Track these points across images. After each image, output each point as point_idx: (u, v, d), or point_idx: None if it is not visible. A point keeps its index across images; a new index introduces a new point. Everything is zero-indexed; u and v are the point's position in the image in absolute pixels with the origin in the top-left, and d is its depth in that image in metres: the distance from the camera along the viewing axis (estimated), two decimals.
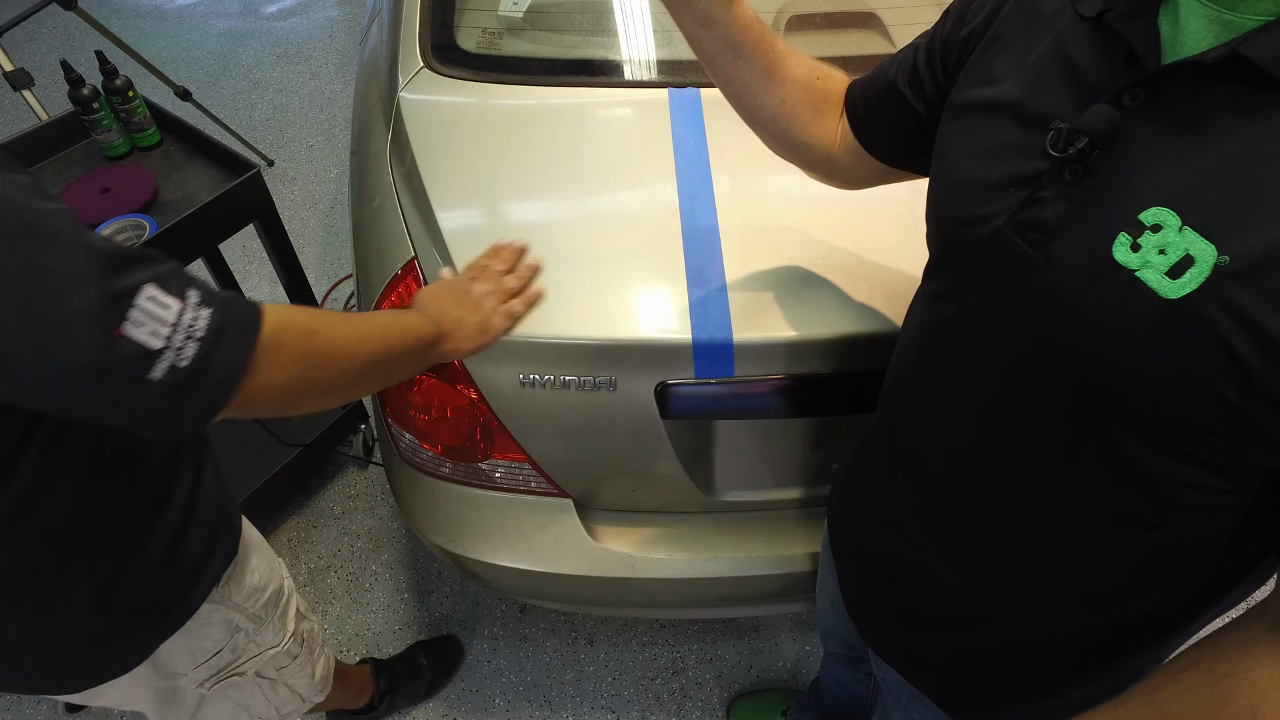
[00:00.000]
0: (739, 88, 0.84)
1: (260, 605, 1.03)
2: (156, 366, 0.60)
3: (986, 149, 0.63)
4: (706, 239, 1.07)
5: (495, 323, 0.99)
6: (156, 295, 0.61)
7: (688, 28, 0.80)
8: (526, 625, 1.85)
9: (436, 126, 1.25)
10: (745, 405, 1.09)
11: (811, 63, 0.86)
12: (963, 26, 0.71)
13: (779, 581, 1.28)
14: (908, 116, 0.78)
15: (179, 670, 0.97)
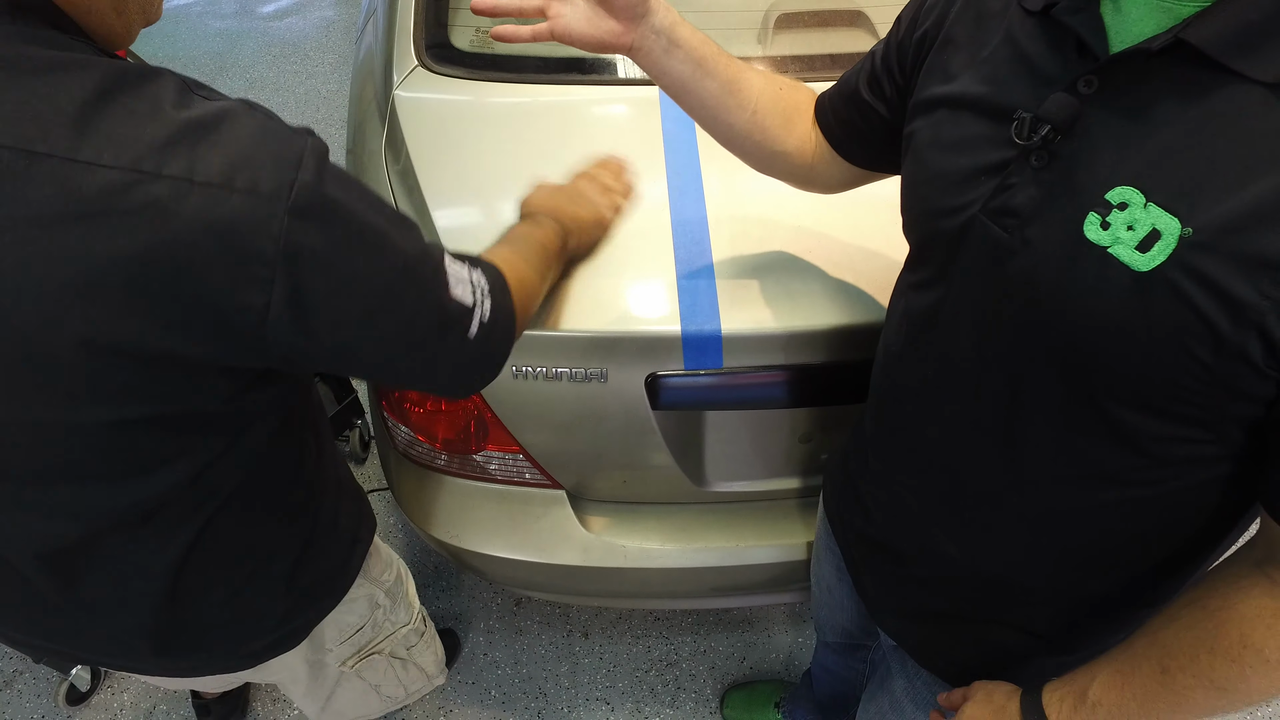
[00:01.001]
0: (712, 106, 0.87)
1: (392, 581, 1.07)
2: (472, 323, 0.67)
3: (954, 142, 0.66)
4: (695, 232, 1.09)
5: (607, 215, 1.02)
6: (450, 262, 0.67)
7: (657, 61, 0.83)
8: (522, 618, 1.87)
9: (431, 124, 1.26)
10: (734, 396, 1.11)
11: (769, 75, 0.90)
12: (915, 29, 0.74)
13: (770, 571, 1.30)
14: (874, 120, 0.82)
15: (328, 646, 1.00)
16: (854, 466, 0.93)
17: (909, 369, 0.77)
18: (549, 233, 0.91)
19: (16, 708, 1.73)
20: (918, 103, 0.72)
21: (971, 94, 0.65)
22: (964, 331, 0.68)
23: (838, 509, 0.99)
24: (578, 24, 0.80)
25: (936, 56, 0.71)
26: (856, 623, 1.12)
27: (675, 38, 0.82)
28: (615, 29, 0.80)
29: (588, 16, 0.80)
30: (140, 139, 0.50)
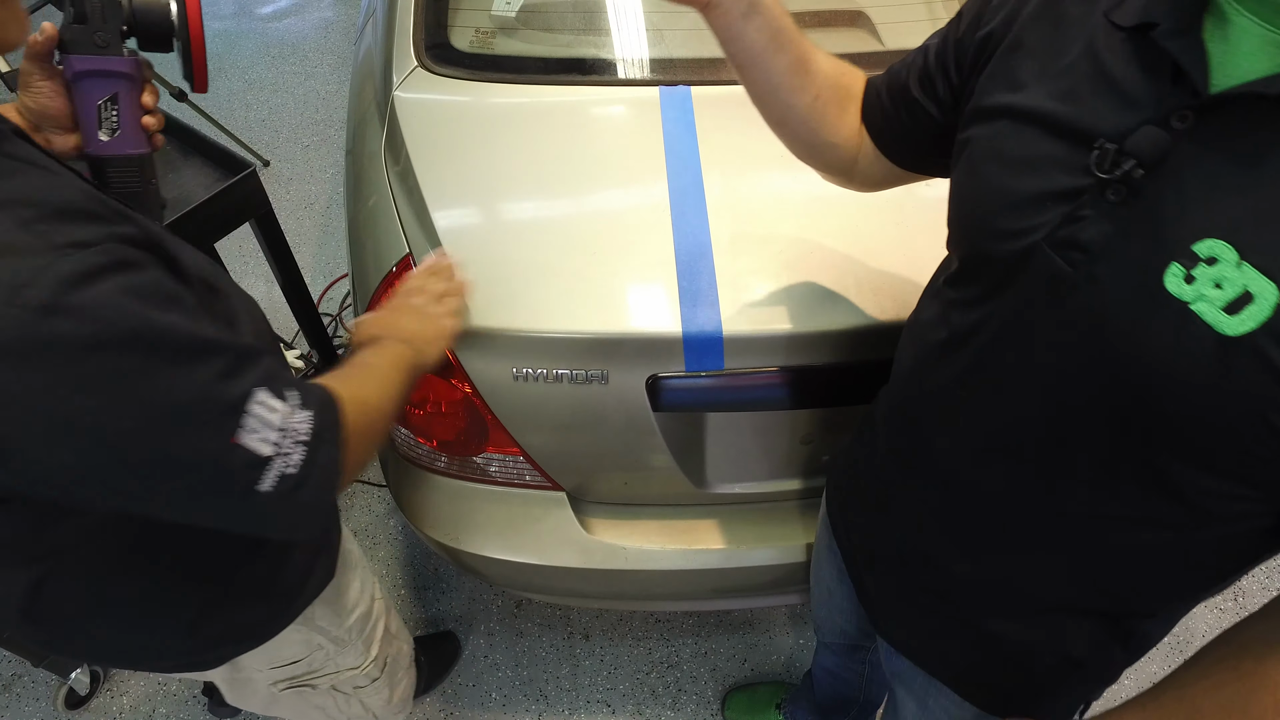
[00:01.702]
0: (775, 85, 0.80)
1: (344, 629, 1.03)
2: (266, 476, 0.59)
3: (1019, 159, 0.61)
4: (696, 234, 1.09)
5: (446, 324, 0.97)
6: (266, 400, 0.60)
7: (731, 21, 0.76)
8: (522, 620, 1.86)
9: (431, 125, 1.26)
10: (735, 398, 1.11)
11: (834, 59, 0.84)
12: (979, 28, 0.68)
13: (771, 573, 1.30)
14: (923, 120, 0.76)
15: (253, 669, 0.98)
16: (863, 470, 0.91)
17: (939, 384, 0.73)
18: (395, 354, 0.86)
19: (15, 711, 1.72)
20: (977, 109, 0.67)
21: (1043, 109, 0.59)
22: (1009, 359, 0.64)
23: (842, 513, 0.98)
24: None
25: (1002, 60, 0.65)
26: (856, 625, 1.12)
27: (758, 4, 0.75)
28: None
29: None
30: None
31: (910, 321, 0.82)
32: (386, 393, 0.80)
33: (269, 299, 2.53)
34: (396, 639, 1.21)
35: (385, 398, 0.79)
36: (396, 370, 0.84)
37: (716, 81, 1.29)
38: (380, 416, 0.77)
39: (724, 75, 1.30)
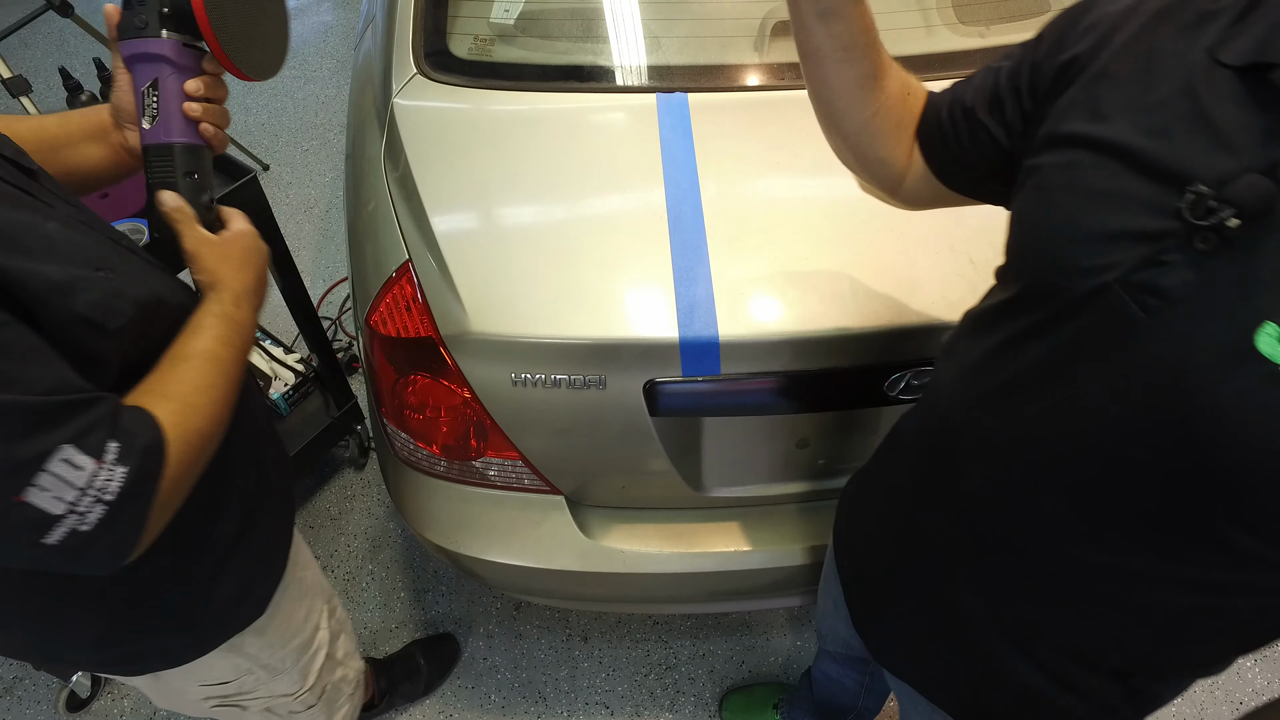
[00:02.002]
0: (836, 92, 0.77)
1: (278, 657, 1.03)
2: (54, 532, 0.58)
3: (1098, 193, 0.57)
4: (693, 240, 1.10)
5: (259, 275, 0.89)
6: (71, 457, 0.58)
7: (805, 19, 0.73)
8: (521, 623, 1.87)
9: (430, 132, 1.27)
10: (732, 402, 1.12)
11: (904, 75, 0.80)
12: (1061, 52, 0.65)
13: (768, 576, 1.31)
14: (986, 145, 0.72)
15: (181, 684, 0.98)
16: (879, 493, 0.88)
17: (979, 417, 0.69)
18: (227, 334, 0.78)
19: (17, 714, 1.73)
20: (1052, 135, 0.63)
21: (1129, 144, 0.56)
22: (1061, 401, 0.61)
23: (851, 535, 0.96)
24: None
25: (1086, 88, 0.61)
26: (860, 639, 1.12)
27: (838, 11, 0.71)
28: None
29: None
30: None
31: (948, 346, 0.78)
32: (220, 403, 0.75)
33: (269, 302, 2.53)
34: (343, 664, 1.20)
35: (219, 413, 0.75)
36: (232, 361, 0.78)
37: (713, 88, 1.30)
38: (213, 438, 0.74)
39: (720, 82, 1.31)
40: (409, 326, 1.12)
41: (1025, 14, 1.46)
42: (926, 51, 1.37)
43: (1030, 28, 1.41)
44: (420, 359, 1.13)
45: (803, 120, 1.26)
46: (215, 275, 0.82)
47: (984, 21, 1.43)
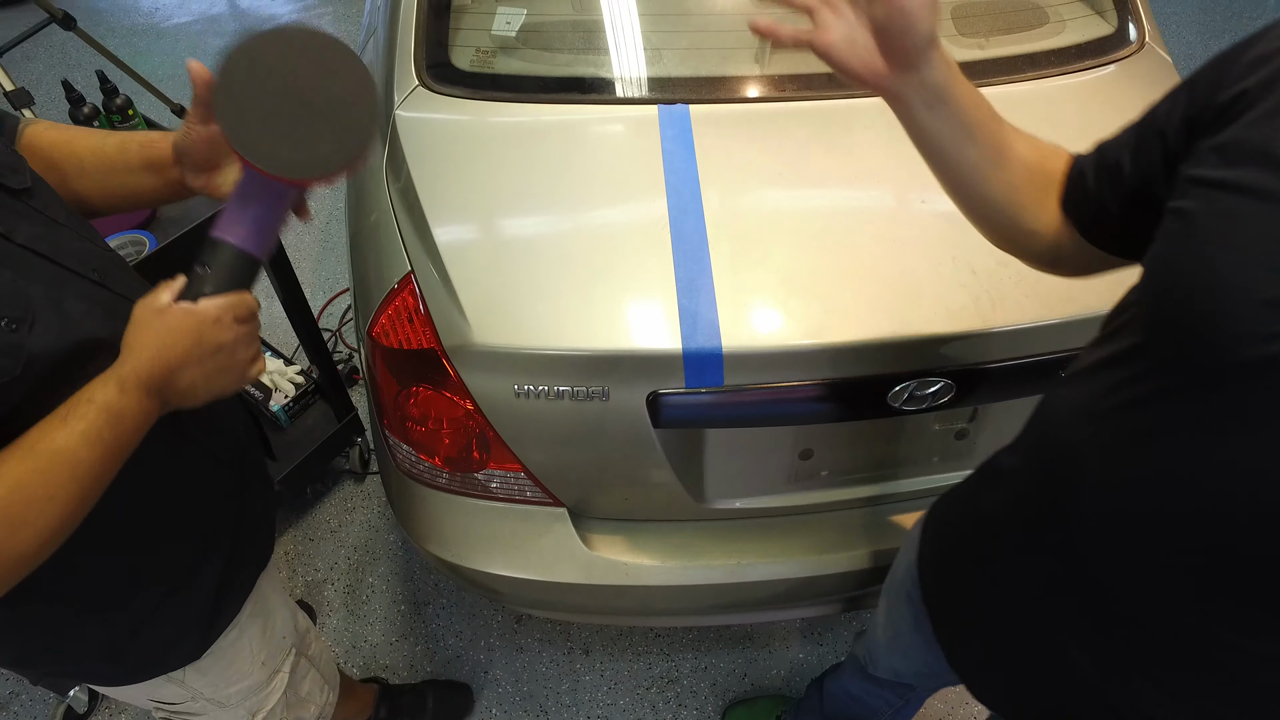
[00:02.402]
0: (967, 175, 0.75)
1: (224, 694, 1.03)
2: None
3: (1267, 251, 0.51)
4: (695, 251, 1.10)
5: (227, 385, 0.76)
6: None
7: (914, 115, 0.72)
8: (522, 636, 1.86)
9: (432, 143, 1.27)
10: (735, 413, 1.12)
11: (1033, 141, 0.77)
12: (1221, 89, 0.59)
13: (771, 588, 1.30)
14: (1140, 202, 0.66)
15: (130, 691, 0.98)
16: (976, 529, 0.85)
17: (1101, 468, 0.65)
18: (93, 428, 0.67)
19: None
20: (1208, 180, 0.57)
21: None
22: (1202, 474, 0.56)
23: (937, 567, 0.92)
24: (843, 46, 0.71)
25: (1255, 128, 0.54)
26: (916, 670, 1.09)
27: (945, 95, 0.70)
28: (880, 70, 0.70)
29: (857, 43, 0.71)
30: None
31: (1072, 387, 0.72)
32: (58, 518, 0.66)
33: (270, 313, 2.54)
34: (303, 703, 1.18)
35: (52, 528, 0.66)
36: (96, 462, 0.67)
37: (715, 100, 1.30)
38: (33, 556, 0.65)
39: (722, 94, 1.32)
40: (411, 338, 1.12)
41: (1024, 26, 1.46)
42: None
43: (1029, 39, 1.43)
44: (422, 370, 1.12)
45: (804, 131, 1.27)
46: (129, 343, 0.71)
47: (983, 34, 1.44)
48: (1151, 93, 1.49)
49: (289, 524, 2.08)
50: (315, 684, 1.21)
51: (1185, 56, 3.76)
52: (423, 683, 1.75)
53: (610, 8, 1.40)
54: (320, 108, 0.71)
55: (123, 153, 0.86)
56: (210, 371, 0.73)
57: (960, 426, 1.25)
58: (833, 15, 0.71)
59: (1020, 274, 1.10)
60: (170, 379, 0.71)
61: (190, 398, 0.74)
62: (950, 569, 0.90)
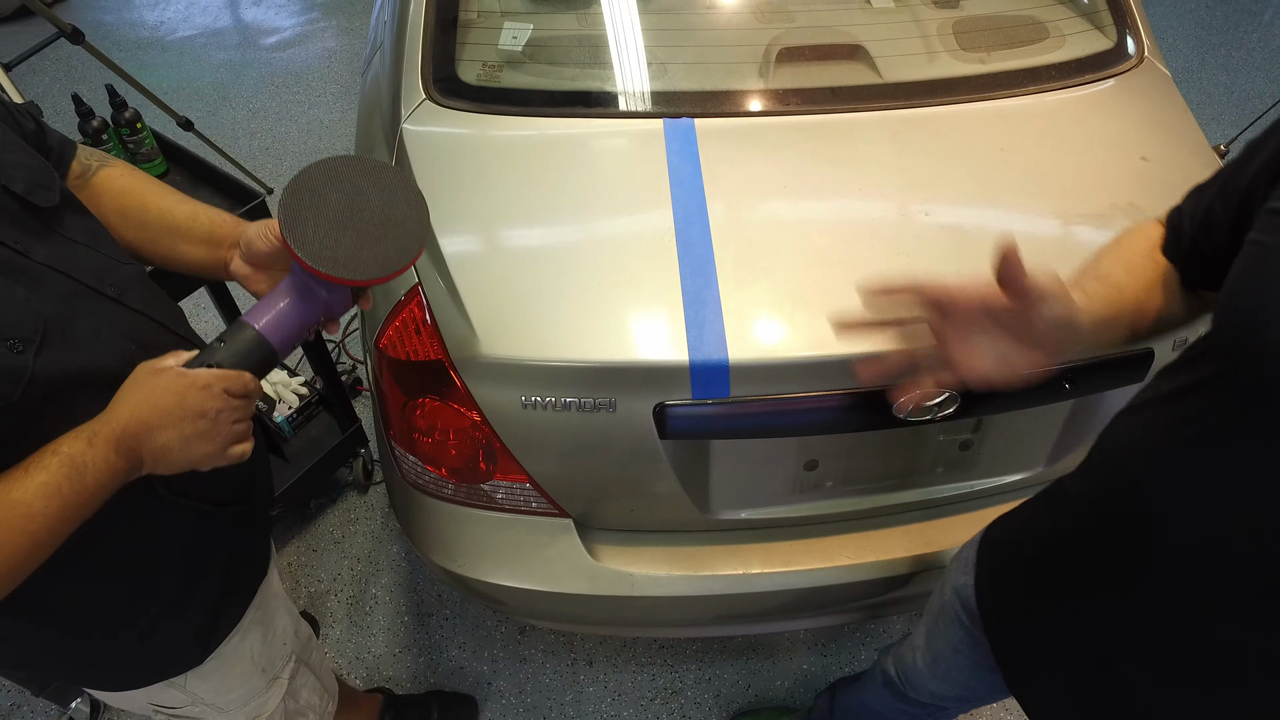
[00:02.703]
0: (1129, 336, 0.76)
1: (224, 699, 1.03)
2: None
3: None
4: (702, 263, 1.11)
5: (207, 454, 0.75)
6: None
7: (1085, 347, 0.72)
8: (526, 647, 1.86)
9: (439, 156, 1.28)
10: (741, 424, 1.12)
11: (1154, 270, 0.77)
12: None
13: (776, 599, 1.30)
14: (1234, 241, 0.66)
15: (130, 695, 0.98)
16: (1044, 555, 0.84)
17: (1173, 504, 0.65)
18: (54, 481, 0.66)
19: None
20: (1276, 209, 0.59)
21: None
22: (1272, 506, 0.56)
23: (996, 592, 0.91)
24: (991, 369, 0.70)
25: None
26: (957, 694, 1.08)
27: (1097, 323, 0.71)
28: (1040, 359, 0.70)
29: (1002, 356, 0.70)
30: None
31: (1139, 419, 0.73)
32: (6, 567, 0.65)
33: None
34: (301, 712, 1.19)
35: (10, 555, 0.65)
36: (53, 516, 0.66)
37: (720, 114, 1.31)
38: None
39: (727, 108, 1.33)
40: (419, 349, 1.12)
41: (1024, 41, 1.48)
42: (928, 77, 1.39)
43: (1030, 54, 1.45)
44: (430, 382, 1.13)
45: (809, 145, 1.28)
46: (117, 398, 0.72)
47: (984, 49, 1.46)
48: (1150, 106, 1.51)
49: (292, 535, 2.08)
50: (315, 692, 1.21)
51: (1184, 70, 3.79)
52: (427, 693, 1.75)
53: (615, 23, 1.42)
54: (373, 220, 0.79)
55: (192, 222, 0.90)
56: (188, 436, 0.72)
57: (965, 437, 1.25)
58: (964, 348, 0.70)
59: None
60: (145, 437, 0.71)
61: (164, 462, 0.73)
62: (1018, 597, 0.88)
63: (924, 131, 1.31)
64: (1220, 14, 4.23)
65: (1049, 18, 1.52)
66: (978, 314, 0.69)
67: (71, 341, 0.71)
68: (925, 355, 0.72)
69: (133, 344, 0.79)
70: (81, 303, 0.75)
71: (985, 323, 0.69)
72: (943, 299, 0.69)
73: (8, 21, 4.09)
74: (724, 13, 1.48)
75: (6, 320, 0.66)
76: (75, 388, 0.71)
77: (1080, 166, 1.28)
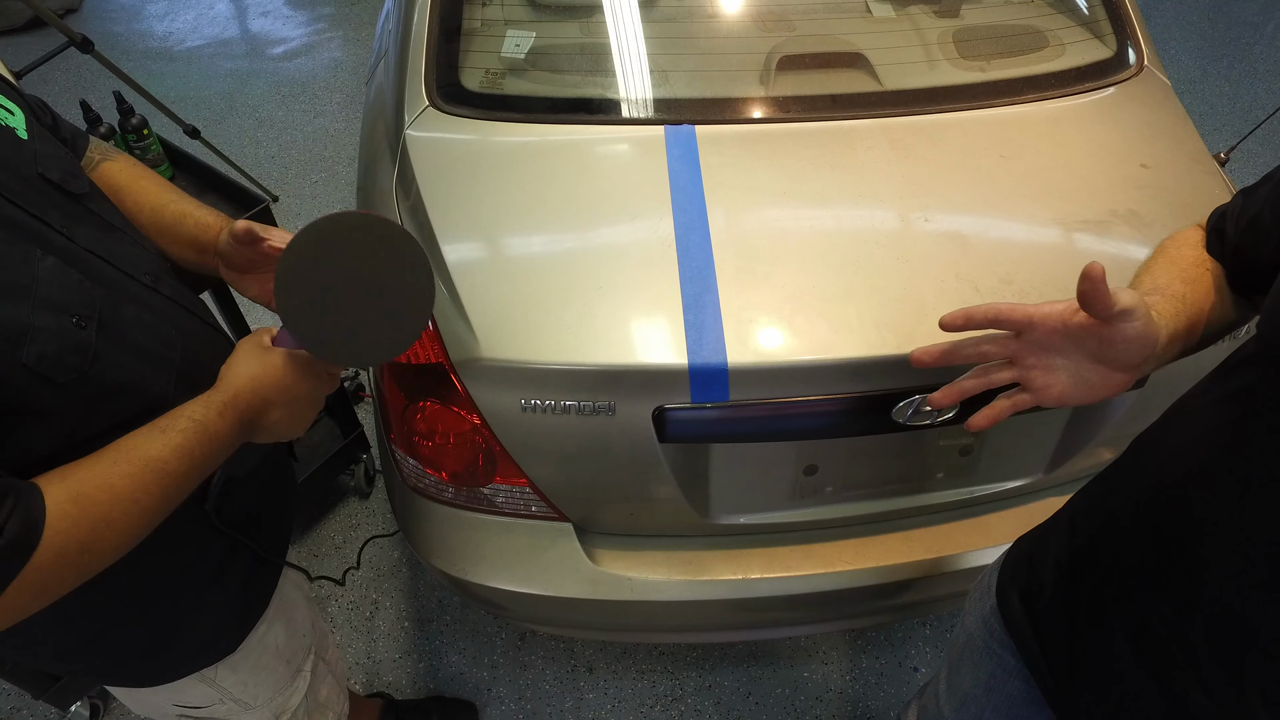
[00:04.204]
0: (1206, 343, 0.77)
1: (251, 694, 1.04)
2: None
3: None
4: (701, 268, 1.11)
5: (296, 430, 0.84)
6: None
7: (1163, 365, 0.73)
8: (526, 653, 1.85)
9: (441, 163, 1.29)
10: (741, 429, 1.12)
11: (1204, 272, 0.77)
12: None
13: (776, 605, 1.30)
14: None
15: (155, 700, 0.99)
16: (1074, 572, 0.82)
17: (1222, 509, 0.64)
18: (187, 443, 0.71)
19: None
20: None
21: None
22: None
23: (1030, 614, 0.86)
24: (1072, 391, 0.71)
25: None
26: None
27: (1173, 340, 0.71)
28: (1121, 380, 0.71)
29: (1083, 379, 0.71)
30: None
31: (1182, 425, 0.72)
32: (139, 520, 0.68)
33: None
34: (323, 709, 1.19)
35: (133, 530, 0.68)
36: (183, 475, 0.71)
37: (720, 121, 1.32)
38: (108, 554, 0.67)
39: (727, 115, 1.34)
40: (419, 353, 1.13)
41: (1024, 50, 1.49)
42: (928, 85, 1.40)
43: (1030, 63, 1.45)
44: (430, 385, 1.13)
45: (809, 151, 1.29)
46: (229, 370, 0.78)
47: (984, 57, 1.47)
48: (1150, 114, 1.52)
49: (293, 540, 2.08)
50: (333, 690, 1.22)
51: (1185, 81, 3.80)
52: (427, 699, 1.75)
53: (617, 30, 1.43)
54: (375, 300, 0.76)
55: (178, 224, 0.92)
56: (292, 415, 0.81)
57: (965, 443, 1.25)
58: (1045, 373, 0.71)
59: (1023, 292, 1.11)
60: (263, 411, 0.79)
61: (271, 434, 0.81)
62: (1065, 618, 0.83)
63: (924, 139, 1.31)
64: (1222, 26, 4.24)
65: (1049, 27, 1.53)
66: (1058, 336, 0.69)
67: (121, 323, 0.74)
68: (1001, 378, 0.72)
69: (174, 330, 0.81)
70: (124, 288, 0.77)
71: (1065, 345, 0.70)
72: (1023, 322, 0.69)
73: (19, 32, 4.13)
74: (725, 21, 1.49)
75: (68, 298, 0.68)
76: (132, 365, 0.74)
77: (1080, 173, 1.28)
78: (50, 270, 0.67)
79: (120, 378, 0.72)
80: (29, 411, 0.65)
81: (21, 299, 0.63)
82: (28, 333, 0.63)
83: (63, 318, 0.66)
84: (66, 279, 0.68)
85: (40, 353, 0.64)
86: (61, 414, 0.67)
